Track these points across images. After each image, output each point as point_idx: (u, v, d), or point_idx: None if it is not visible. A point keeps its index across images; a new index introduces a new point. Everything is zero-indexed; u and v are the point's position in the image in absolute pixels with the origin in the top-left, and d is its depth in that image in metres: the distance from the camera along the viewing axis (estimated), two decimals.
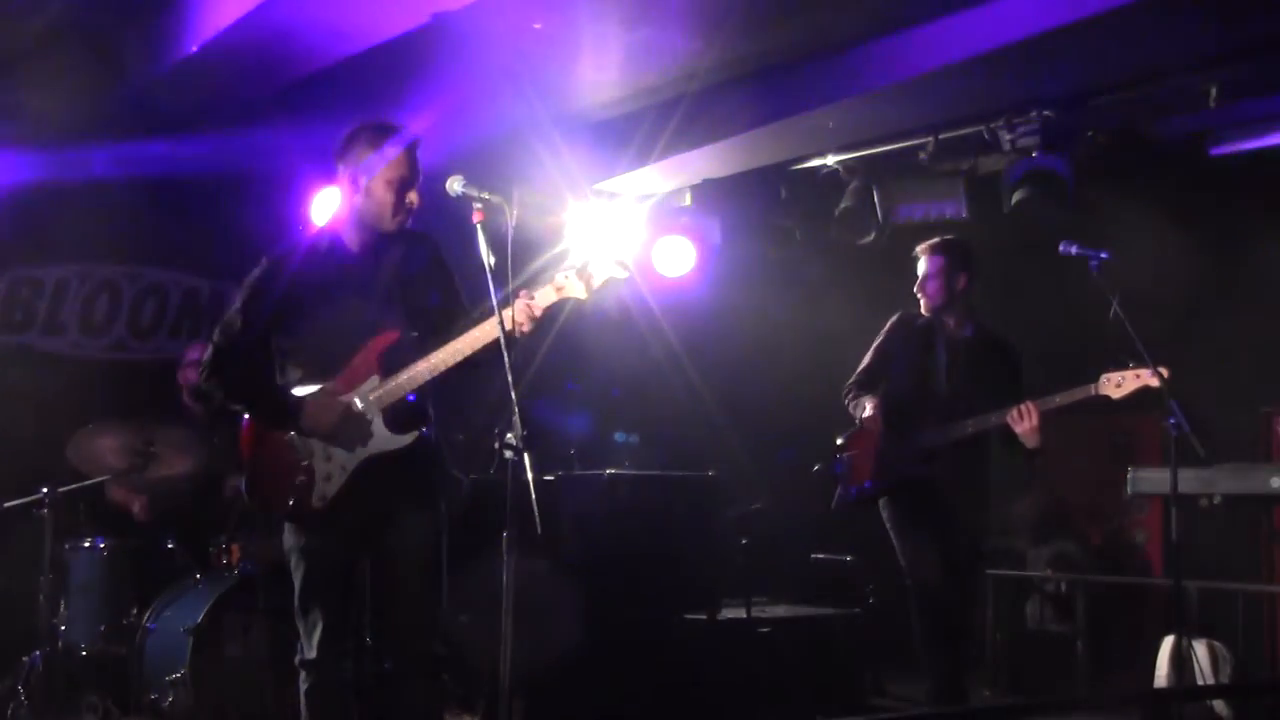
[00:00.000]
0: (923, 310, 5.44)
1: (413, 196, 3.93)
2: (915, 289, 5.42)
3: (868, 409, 5.36)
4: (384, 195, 3.90)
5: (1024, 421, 4.96)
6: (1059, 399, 4.98)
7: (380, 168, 3.89)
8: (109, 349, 6.98)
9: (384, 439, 3.87)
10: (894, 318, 5.56)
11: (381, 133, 3.93)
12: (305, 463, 3.85)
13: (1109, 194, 6.82)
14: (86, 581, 5.47)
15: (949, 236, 5.52)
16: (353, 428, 3.84)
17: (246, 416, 3.95)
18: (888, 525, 5.35)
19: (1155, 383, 4.75)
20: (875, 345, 5.56)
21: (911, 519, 5.26)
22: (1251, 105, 6.11)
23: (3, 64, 5.97)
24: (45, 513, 5.33)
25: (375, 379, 3.88)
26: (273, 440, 3.89)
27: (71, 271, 6.85)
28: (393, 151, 3.90)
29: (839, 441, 5.57)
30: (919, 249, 5.46)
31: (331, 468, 3.85)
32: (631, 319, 7.51)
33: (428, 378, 3.85)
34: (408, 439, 3.87)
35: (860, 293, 7.04)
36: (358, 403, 3.87)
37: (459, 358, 3.82)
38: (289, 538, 3.95)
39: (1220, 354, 6.60)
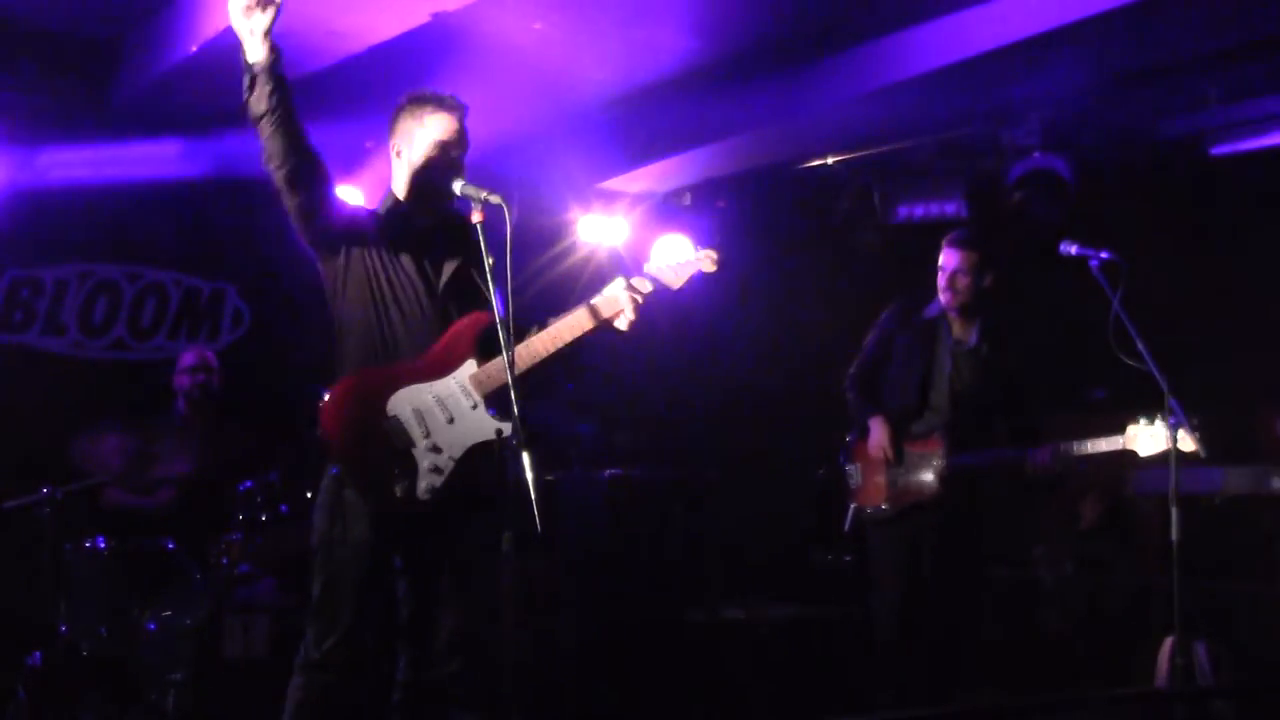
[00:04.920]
0: (945, 303, 5.18)
1: (458, 165, 3.71)
2: (944, 283, 5.14)
3: (874, 433, 5.21)
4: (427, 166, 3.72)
5: (1040, 469, 4.94)
6: (1084, 449, 4.91)
7: (420, 136, 3.72)
8: (109, 349, 6.97)
9: (489, 426, 3.62)
10: (891, 306, 5.39)
11: (423, 102, 3.73)
12: (408, 450, 3.60)
13: (1109, 194, 6.81)
14: (87, 581, 5.46)
15: (976, 232, 5.31)
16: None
17: (328, 398, 3.63)
18: (870, 548, 5.34)
19: (1190, 447, 4.55)
20: (875, 334, 5.37)
21: (897, 558, 5.21)
22: (1251, 105, 6.12)
23: (3, 64, 5.97)
24: (45, 513, 5.33)
25: (473, 362, 3.66)
26: (370, 425, 3.59)
27: (71, 271, 6.84)
28: (435, 120, 3.71)
29: (847, 440, 5.44)
30: (948, 239, 5.20)
31: (440, 459, 3.59)
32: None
33: (529, 364, 3.64)
34: (507, 426, 3.53)
35: (860, 293, 7.04)
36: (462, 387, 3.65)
37: (558, 344, 3.66)
38: (329, 526, 3.59)
39: (1220, 354, 6.59)
